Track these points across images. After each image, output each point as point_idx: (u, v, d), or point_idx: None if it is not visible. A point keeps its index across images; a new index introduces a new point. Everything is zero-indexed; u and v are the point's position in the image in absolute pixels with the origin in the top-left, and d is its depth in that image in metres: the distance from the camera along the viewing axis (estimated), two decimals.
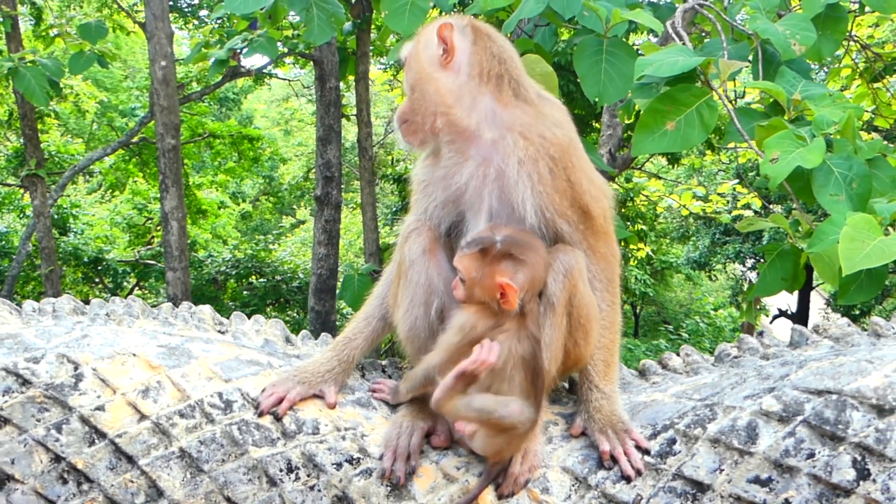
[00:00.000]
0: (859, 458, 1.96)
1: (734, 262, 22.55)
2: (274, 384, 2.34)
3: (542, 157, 2.36)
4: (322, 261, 11.07)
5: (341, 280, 8.70)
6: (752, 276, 22.83)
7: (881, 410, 2.00)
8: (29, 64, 7.44)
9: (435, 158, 2.49)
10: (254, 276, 17.26)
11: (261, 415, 2.27)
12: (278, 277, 17.20)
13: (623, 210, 17.45)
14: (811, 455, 2.00)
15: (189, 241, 13.75)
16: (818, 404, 2.04)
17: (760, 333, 2.48)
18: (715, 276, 24.46)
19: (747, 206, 16.45)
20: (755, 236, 19.08)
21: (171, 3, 13.38)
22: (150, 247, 17.76)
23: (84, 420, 2.24)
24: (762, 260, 4.32)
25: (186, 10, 15.37)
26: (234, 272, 17.13)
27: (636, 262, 20.31)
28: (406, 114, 2.48)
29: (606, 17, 4.23)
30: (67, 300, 2.66)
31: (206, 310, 2.70)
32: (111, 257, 16.58)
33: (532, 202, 2.35)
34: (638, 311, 25.03)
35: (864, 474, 1.95)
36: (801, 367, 2.18)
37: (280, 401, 2.31)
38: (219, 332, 2.61)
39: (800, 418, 2.04)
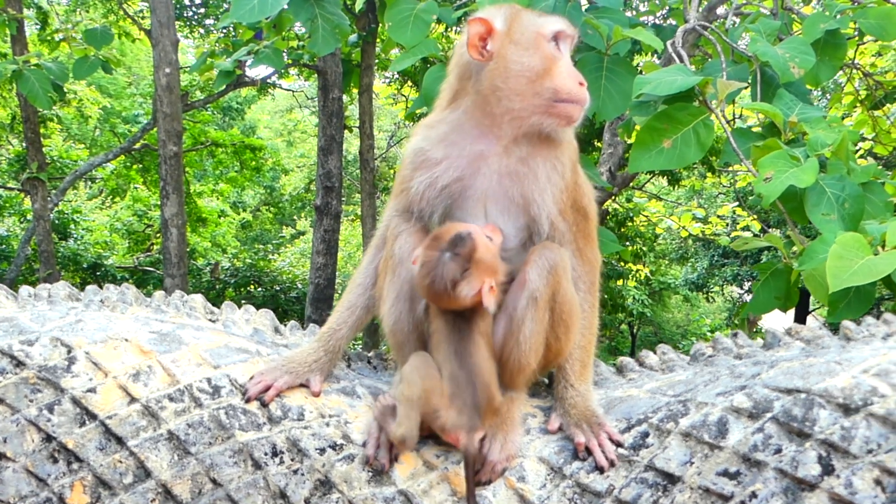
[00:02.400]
0: (825, 455, 2.02)
1: (732, 285, 22.56)
2: (262, 372, 2.41)
3: (569, 159, 2.52)
4: (320, 270, 11.12)
5: (339, 291, 8.76)
6: (749, 298, 22.81)
7: (847, 409, 2.06)
8: (33, 67, 7.52)
9: (456, 134, 2.54)
10: (252, 286, 17.32)
11: (248, 401, 2.33)
12: (277, 287, 17.27)
13: (623, 230, 17.52)
14: (778, 450, 2.05)
15: (188, 249, 13.81)
16: (787, 402, 2.11)
17: (735, 334, 2.55)
18: (713, 297, 24.48)
19: (746, 229, 16.51)
20: (753, 259, 19.13)
21: (177, 11, 13.50)
22: (149, 254, 17.84)
23: (76, 401, 2.30)
24: (758, 281, 4.38)
25: (192, 18, 15.48)
26: (232, 281, 17.19)
27: (635, 282, 20.35)
28: None
29: (608, 34, 4.30)
30: (63, 286, 2.73)
31: (198, 299, 2.76)
32: (110, 263, 16.65)
33: (550, 200, 2.47)
34: (635, 330, 25.04)
35: (828, 470, 2.01)
36: (772, 366, 2.25)
37: (267, 388, 2.37)
38: (210, 320, 2.68)
39: (769, 415, 2.10)
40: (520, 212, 2.49)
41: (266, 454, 2.25)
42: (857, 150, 10.00)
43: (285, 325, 2.82)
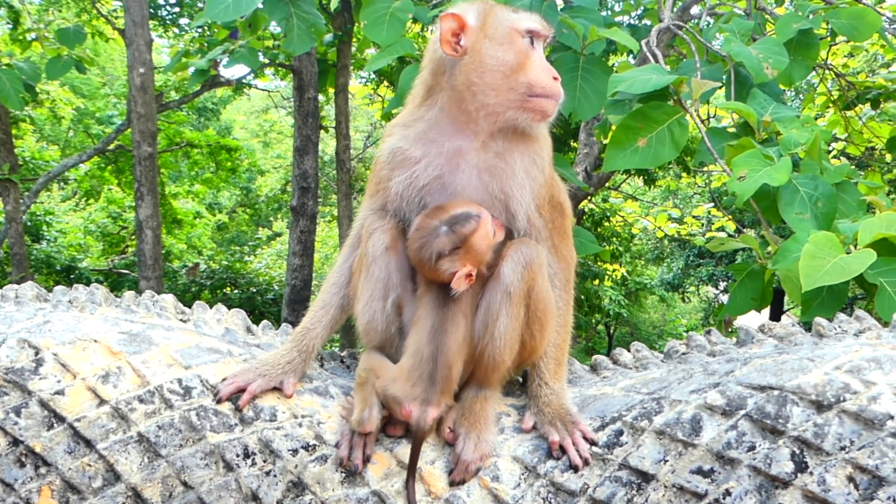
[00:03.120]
0: (798, 452, 2.03)
1: (707, 285, 22.72)
2: (235, 374, 2.37)
3: (547, 154, 2.55)
4: (296, 271, 11.08)
5: (315, 292, 8.71)
6: (725, 298, 22.98)
7: (820, 406, 2.07)
8: (4, 67, 7.42)
9: (434, 131, 2.53)
10: (229, 287, 17.20)
11: (219, 401, 2.30)
12: (253, 289, 17.17)
13: (599, 230, 17.58)
14: (752, 448, 2.06)
15: (164, 251, 13.70)
16: (760, 399, 2.11)
17: (708, 332, 2.55)
18: (688, 297, 24.65)
19: (722, 229, 16.61)
20: (728, 259, 19.27)
21: (151, 10, 13.39)
22: (123, 256, 17.69)
23: (43, 404, 2.26)
24: (734, 282, 4.45)
25: (167, 17, 15.37)
26: (208, 283, 17.08)
27: (611, 282, 20.43)
28: None
29: (583, 33, 4.30)
30: (30, 287, 2.68)
31: (169, 298, 2.73)
32: (84, 266, 16.49)
33: (529, 195, 2.48)
34: (612, 331, 25.14)
35: (801, 467, 2.01)
36: (745, 363, 2.25)
37: (239, 390, 2.34)
38: (181, 320, 2.65)
39: (742, 412, 2.11)
40: (501, 208, 2.49)
41: (238, 455, 2.23)
42: (831, 151, 10.09)
43: (258, 326, 2.79)
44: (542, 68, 2.46)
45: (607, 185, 14.50)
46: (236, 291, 17.04)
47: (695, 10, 6.29)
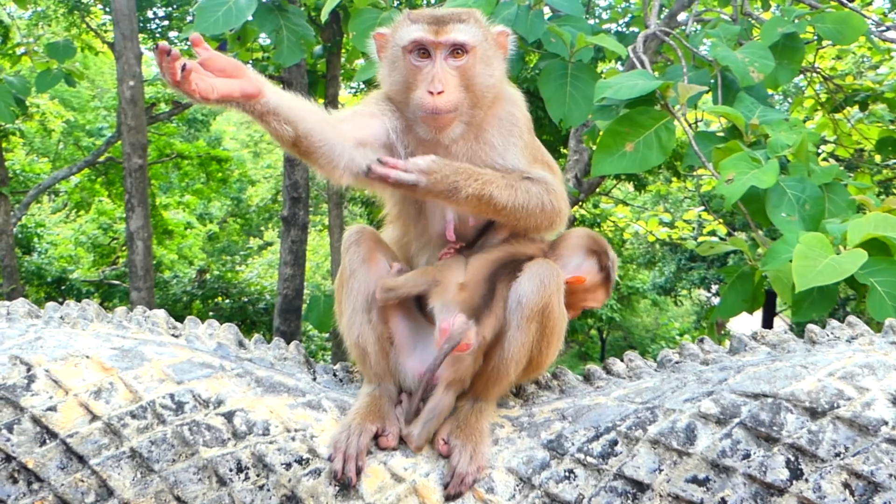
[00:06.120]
0: (793, 459, 2.03)
1: (699, 288, 22.76)
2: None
3: (524, 116, 2.68)
4: (288, 281, 11.06)
5: (307, 301, 8.69)
6: (717, 301, 22.98)
7: (814, 413, 2.07)
8: None
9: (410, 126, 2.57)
10: (220, 297, 17.17)
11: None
12: (245, 299, 17.14)
13: None
14: (747, 455, 2.06)
15: (155, 262, 13.66)
16: (754, 407, 2.12)
17: (701, 340, 2.55)
18: (680, 301, 24.68)
19: (713, 233, 16.64)
20: (720, 262, 19.30)
21: (140, 23, 13.38)
22: (114, 267, 17.66)
23: (35, 420, 2.25)
24: (725, 284, 4.50)
25: (156, 30, 15.35)
26: (200, 293, 17.04)
27: None
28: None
29: (571, 41, 4.32)
30: (22, 303, 2.67)
31: (161, 314, 2.72)
32: (75, 277, 16.47)
33: (512, 156, 2.57)
34: (605, 335, 25.17)
35: (797, 474, 2.02)
36: (739, 371, 2.25)
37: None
38: (172, 335, 2.63)
39: (736, 420, 2.11)
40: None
41: (231, 470, 2.21)
42: (820, 154, 10.13)
43: (251, 339, 2.77)
44: (424, 85, 2.44)
45: (598, 190, 14.52)
46: (228, 301, 17.01)
47: (682, 16, 6.32)
